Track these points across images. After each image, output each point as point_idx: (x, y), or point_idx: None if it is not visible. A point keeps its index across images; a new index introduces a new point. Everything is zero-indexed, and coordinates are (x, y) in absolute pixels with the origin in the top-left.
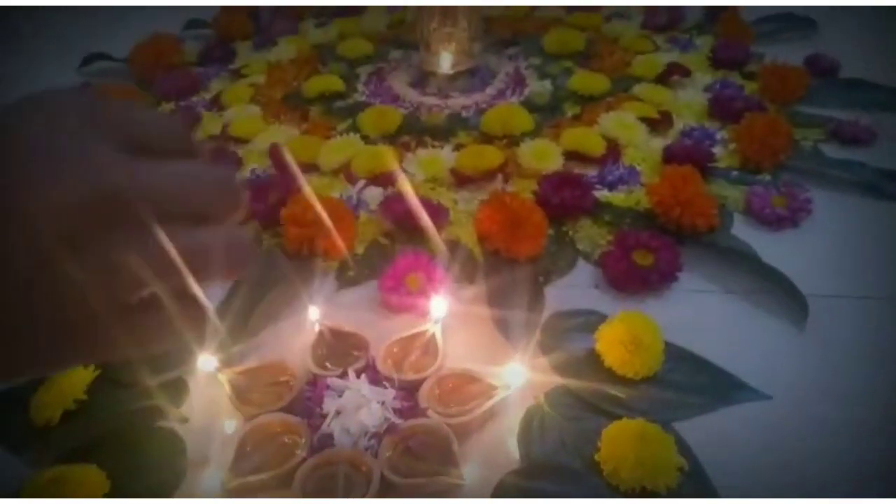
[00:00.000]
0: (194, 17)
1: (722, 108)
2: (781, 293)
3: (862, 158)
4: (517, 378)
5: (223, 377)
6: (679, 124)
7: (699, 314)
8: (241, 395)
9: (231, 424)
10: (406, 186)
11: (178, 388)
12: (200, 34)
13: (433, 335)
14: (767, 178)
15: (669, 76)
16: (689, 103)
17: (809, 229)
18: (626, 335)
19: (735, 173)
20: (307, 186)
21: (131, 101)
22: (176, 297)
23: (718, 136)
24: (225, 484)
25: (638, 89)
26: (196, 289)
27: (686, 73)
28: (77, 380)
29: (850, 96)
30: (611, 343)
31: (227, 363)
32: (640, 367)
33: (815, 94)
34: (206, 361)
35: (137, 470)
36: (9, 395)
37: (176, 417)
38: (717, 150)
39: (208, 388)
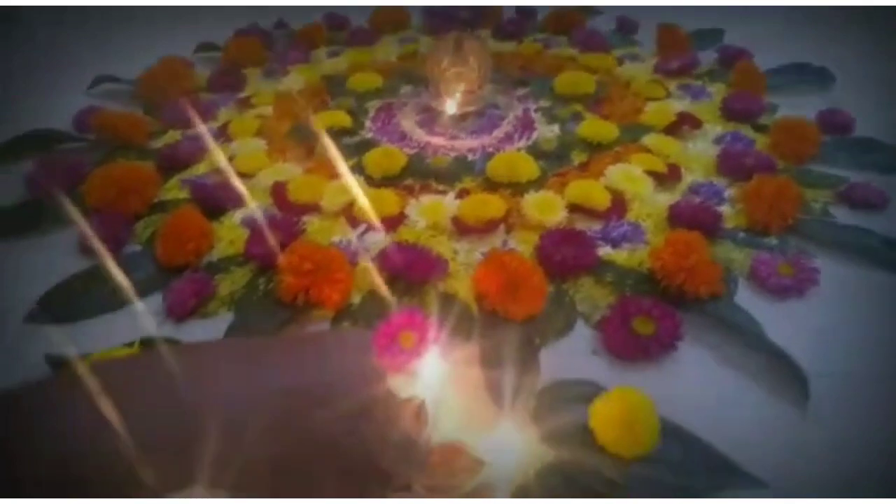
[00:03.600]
0: (206, 41)
1: (731, 164)
2: (783, 371)
3: (873, 223)
4: (507, 454)
5: None
6: (687, 179)
7: (697, 388)
8: None
9: None
10: None
11: None
12: (212, 57)
13: (422, 402)
14: (774, 241)
15: (680, 127)
16: (698, 156)
17: (815, 300)
18: (620, 413)
19: (742, 234)
20: None
21: None
22: None
23: (726, 193)
24: None
25: (647, 140)
26: None
27: (697, 124)
28: None
29: (863, 157)
30: (604, 421)
31: None
32: (634, 447)
33: (828, 152)
34: None
35: None
36: None
37: None
38: (724, 208)
39: None
